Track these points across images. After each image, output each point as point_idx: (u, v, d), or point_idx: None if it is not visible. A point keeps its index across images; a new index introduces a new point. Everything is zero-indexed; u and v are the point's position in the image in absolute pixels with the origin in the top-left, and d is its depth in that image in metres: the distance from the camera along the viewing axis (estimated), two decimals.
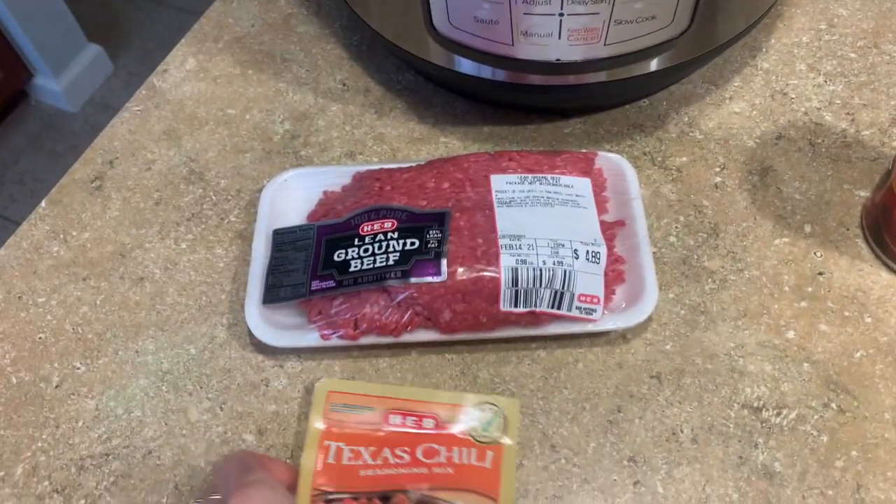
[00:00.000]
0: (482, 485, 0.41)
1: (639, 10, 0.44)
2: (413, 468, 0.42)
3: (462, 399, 0.44)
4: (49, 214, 0.56)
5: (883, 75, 0.58)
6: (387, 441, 0.43)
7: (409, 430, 0.43)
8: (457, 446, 0.43)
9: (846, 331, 0.47)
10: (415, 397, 0.44)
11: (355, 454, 0.42)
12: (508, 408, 0.43)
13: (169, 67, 0.64)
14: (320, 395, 0.44)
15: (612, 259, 0.48)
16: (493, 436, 0.43)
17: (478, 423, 0.43)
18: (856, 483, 0.43)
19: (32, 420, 0.48)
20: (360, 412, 0.43)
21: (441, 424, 0.43)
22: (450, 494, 0.41)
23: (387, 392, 0.44)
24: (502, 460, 0.42)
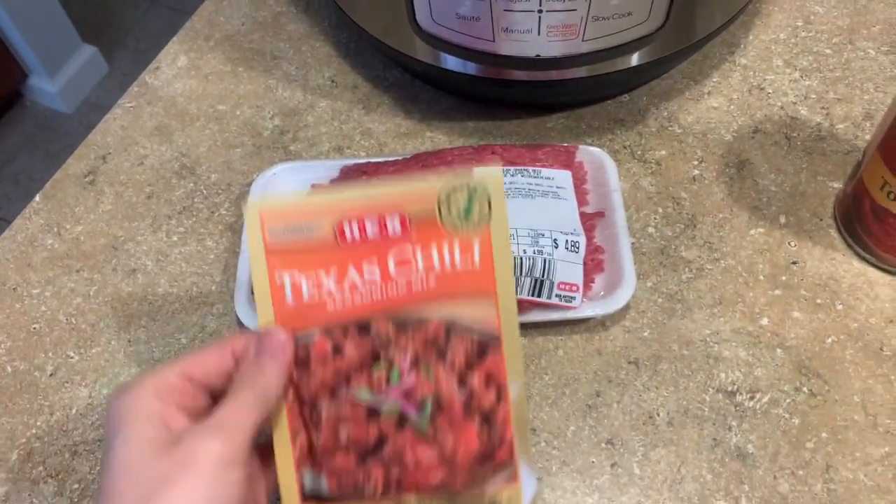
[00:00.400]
0: (473, 286, 0.35)
1: (615, 6, 0.46)
2: (388, 286, 0.35)
3: (428, 185, 0.35)
4: (43, 208, 0.57)
5: (857, 71, 0.59)
6: (348, 260, 0.35)
7: (371, 239, 0.36)
8: (434, 243, 0.35)
9: (818, 317, 0.49)
10: (368, 196, 0.35)
11: (316, 286, 0.35)
12: (489, 182, 0.35)
13: (161, 65, 0.65)
14: (253, 220, 0.35)
15: (592, 249, 0.49)
16: (477, 222, 0.35)
17: (455, 212, 0.35)
18: (825, 463, 0.44)
19: (27, 408, 0.49)
20: (307, 232, 0.35)
21: (409, 223, 0.35)
22: (439, 307, 0.35)
23: (334, 199, 0.35)
24: (493, 249, 0.35)
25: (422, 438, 0.35)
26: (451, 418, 0.35)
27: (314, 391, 0.35)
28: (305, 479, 0.36)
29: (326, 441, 0.35)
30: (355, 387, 0.35)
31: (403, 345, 0.35)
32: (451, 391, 0.35)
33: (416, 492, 0.36)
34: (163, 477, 0.30)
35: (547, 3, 0.45)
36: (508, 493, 0.37)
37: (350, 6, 0.56)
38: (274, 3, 0.68)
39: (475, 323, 0.36)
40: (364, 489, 0.36)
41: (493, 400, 0.36)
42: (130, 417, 0.32)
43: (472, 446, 0.35)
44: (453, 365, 0.36)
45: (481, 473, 0.36)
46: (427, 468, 0.35)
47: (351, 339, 0.36)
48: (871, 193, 0.47)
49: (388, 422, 0.35)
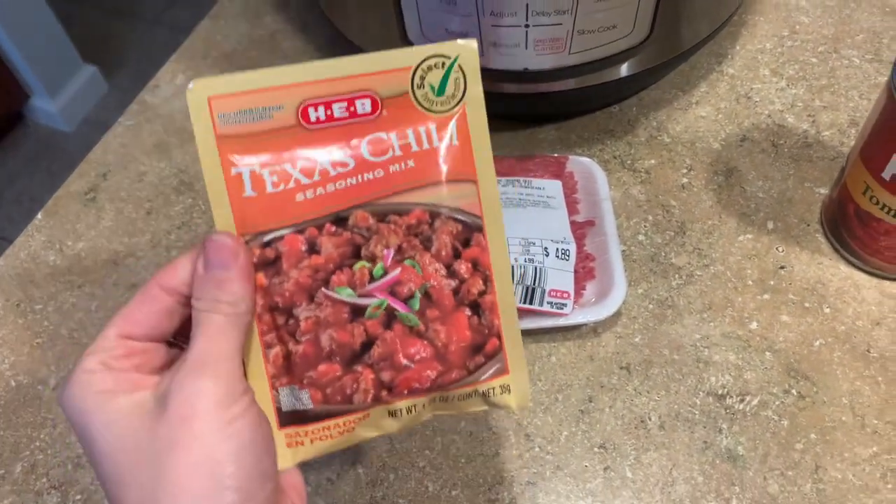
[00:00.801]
0: (454, 167, 0.33)
1: (600, 19, 0.47)
2: (363, 173, 0.32)
3: (398, 59, 0.32)
4: (45, 226, 0.59)
5: (842, 78, 0.60)
6: (316, 147, 0.32)
7: (340, 123, 0.32)
8: (409, 126, 0.33)
9: (806, 321, 0.50)
10: (334, 74, 0.31)
11: (280, 175, 0.31)
12: (463, 53, 0.33)
13: (159, 83, 0.66)
14: (199, 105, 0.30)
15: (583, 256, 0.50)
16: (453, 97, 0.33)
17: (428, 87, 0.33)
18: (814, 464, 0.45)
19: (31, 421, 0.50)
20: (265, 116, 0.31)
21: (381, 103, 0.32)
22: (419, 194, 0.33)
23: (293, 77, 0.31)
24: (469, 126, 0.33)
25: (412, 334, 0.33)
26: (442, 309, 0.33)
27: (288, 296, 0.32)
28: (282, 398, 0.33)
29: (307, 350, 0.32)
30: (335, 286, 0.32)
31: (385, 236, 0.33)
32: (440, 281, 0.33)
33: (408, 395, 0.33)
34: (166, 442, 0.27)
35: (533, 17, 0.46)
36: (501, 384, 0.35)
37: (343, 23, 0.57)
38: (270, 22, 0.70)
39: (458, 207, 0.33)
40: (353, 398, 0.33)
41: (481, 286, 0.34)
42: (92, 403, 0.29)
43: (465, 336, 0.34)
44: (440, 254, 0.33)
45: (473, 366, 0.34)
46: (420, 365, 0.33)
47: (326, 234, 0.32)
48: (855, 198, 0.48)
49: (375, 321, 0.33)
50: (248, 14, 0.70)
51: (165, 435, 0.27)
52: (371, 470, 0.46)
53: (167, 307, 0.31)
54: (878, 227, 0.47)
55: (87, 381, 0.29)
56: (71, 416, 0.29)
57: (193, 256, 0.31)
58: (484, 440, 0.47)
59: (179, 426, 0.27)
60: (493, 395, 0.35)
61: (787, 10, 0.65)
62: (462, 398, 0.34)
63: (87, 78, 1.85)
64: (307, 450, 0.34)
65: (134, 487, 0.27)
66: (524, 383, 0.35)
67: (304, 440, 0.33)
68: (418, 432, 0.47)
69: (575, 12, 0.46)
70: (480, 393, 0.34)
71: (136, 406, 0.28)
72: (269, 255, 0.32)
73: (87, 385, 0.29)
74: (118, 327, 0.31)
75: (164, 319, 0.31)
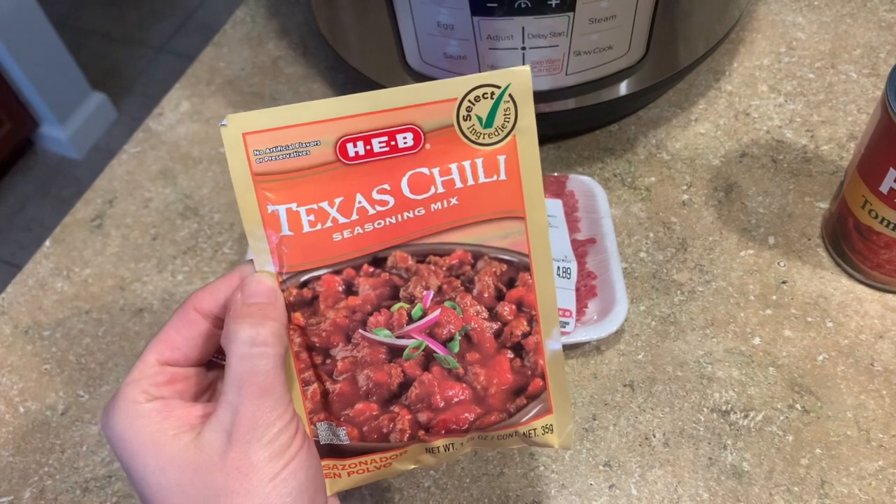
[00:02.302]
0: (500, 204, 0.31)
1: (596, 40, 0.48)
2: (403, 212, 0.31)
3: (443, 90, 0.30)
4: (53, 253, 0.59)
5: (840, 93, 0.61)
6: (354, 182, 0.30)
7: (380, 158, 0.30)
8: (454, 162, 0.31)
9: (809, 335, 0.50)
10: (374, 107, 0.30)
11: (318, 214, 0.30)
12: (515, 82, 0.30)
13: (164, 111, 0.67)
14: (233, 141, 0.30)
15: (584, 274, 0.51)
16: (502, 128, 0.31)
17: (475, 119, 0.31)
18: (820, 479, 0.45)
19: (39, 446, 0.50)
20: (301, 153, 0.30)
21: (423, 137, 0.30)
22: (462, 234, 0.31)
23: (331, 111, 0.30)
24: (519, 159, 0.31)
25: (451, 376, 0.32)
26: (483, 352, 0.32)
27: (325, 336, 0.32)
28: (320, 432, 0.33)
29: (343, 389, 0.32)
30: (372, 328, 0.32)
31: (425, 278, 0.32)
32: (482, 324, 0.32)
33: (445, 434, 0.33)
34: (223, 491, 0.28)
35: (529, 40, 0.47)
36: (543, 424, 0.34)
37: (345, 49, 0.58)
38: (273, 48, 0.71)
39: (503, 247, 0.32)
40: (389, 437, 0.32)
41: (525, 328, 0.33)
42: (142, 445, 0.29)
43: (506, 380, 0.33)
44: (482, 296, 0.32)
45: (514, 408, 0.33)
46: (458, 408, 0.32)
47: (364, 275, 0.31)
48: (854, 212, 0.48)
49: (413, 361, 0.32)
50: (250, 41, 0.71)
51: (223, 484, 0.28)
52: (377, 491, 0.47)
53: (205, 331, 0.31)
54: (878, 241, 0.47)
55: (133, 413, 0.29)
56: (116, 449, 0.30)
57: (231, 282, 0.31)
58: (489, 460, 0.47)
59: (237, 479, 0.28)
60: (535, 435, 0.34)
61: (783, 27, 0.65)
62: (501, 437, 0.34)
63: (96, 105, 1.87)
64: (344, 482, 0.34)
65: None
66: (567, 422, 0.34)
67: (340, 473, 0.34)
68: None
69: (570, 34, 0.47)
70: (521, 434, 0.34)
71: (190, 452, 0.29)
72: (305, 294, 0.31)
73: (134, 418, 0.29)
74: (158, 353, 0.31)
75: (203, 343, 0.31)
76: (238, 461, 0.28)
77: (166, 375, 0.31)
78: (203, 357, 0.32)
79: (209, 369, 0.33)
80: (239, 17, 0.73)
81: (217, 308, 0.31)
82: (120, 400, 0.30)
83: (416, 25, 0.48)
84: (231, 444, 0.28)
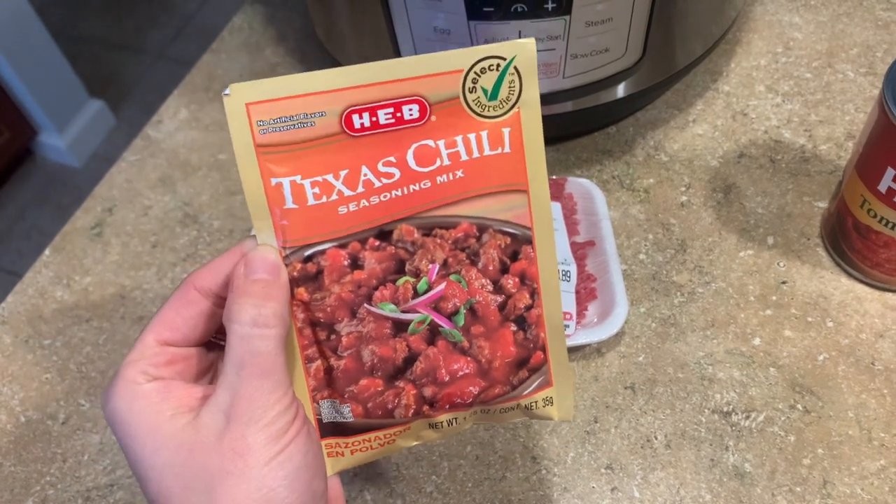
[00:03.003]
0: (504, 177, 0.31)
1: (592, 43, 0.48)
2: (409, 185, 0.31)
3: (449, 62, 0.30)
4: (53, 261, 0.59)
5: (837, 93, 0.61)
6: (359, 154, 0.30)
7: (385, 129, 0.30)
8: (459, 134, 0.31)
9: (809, 335, 0.50)
10: (380, 78, 0.29)
11: (322, 187, 0.30)
12: (521, 54, 0.30)
13: (162, 118, 0.67)
14: (236, 111, 0.29)
15: (584, 277, 0.51)
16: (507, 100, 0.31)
17: (481, 91, 0.30)
18: (822, 479, 0.45)
19: (41, 456, 0.50)
20: (306, 124, 0.29)
21: (429, 109, 0.30)
22: (467, 206, 0.31)
23: (336, 81, 0.29)
24: (523, 132, 0.31)
25: (456, 350, 0.32)
26: (487, 326, 0.32)
27: (330, 311, 0.31)
28: (323, 410, 0.33)
29: (348, 365, 0.32)
30: (377, 302, 0.32)
31: (431, 251, 0.32)
32: (486, 297, 0.32)
33: (449, 409, 0.33)
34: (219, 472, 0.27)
35: None
36: (543, 396, 0.34)
37: (342, 55, 0.58)
38: (270, 54, 0.71)
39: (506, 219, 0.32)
40: (394, 412, 0.32)
41: (528, 300, 0.33)
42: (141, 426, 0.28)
43: (510, 353, 0.33)
44: (487, 269, 0.32)
45: (517, 381, 0.33)
46: (463, 382, 0.32)
47: (370, 248, 0.31)
48: (853, 211, 0.48)
49: (418, 336, 0.32)
50: (248, 47, 0.71)
51: (218, 465, 0.28)
52: (379, 496, 0.47)
53: (205, 310, 0.31)
54: (876, 240, 0.47)
55: (132, 393, 0.29)
56: (115, 430, 0.29)
57: (232, 258, 0.31)
58: (491, 464, 0.47)
59: (232, 459, 0.28)
60: (536, 407, 0.34)
61: (780, 27, 0.65)
62: (504, 411, 0.34)
63: (94, 113, 1.87)
64: (347, 460, 0.34)
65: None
66: (568, 394, 0.35)
67: (343, 451, 0.33)
68: (425, 458, 0.48)
69: (567, 37, 0.47)
70: (523, 406, 0.34)
71: (187, 433, 0.28)
72: (310, 269, 0.31)
73: (133, 399, 0.29)
74: (157, 333, 0.30)
75: (203, 323, 0.31)
76: (234, 442, 0.28)
77: (166, 356, 0.30)
78: (203, 337, 0.31)
79: (210, 350, 0.33)
80: (236, 23, 0.73)
81: (217, 286, 0.31)
82: (119, 380, 0.29)
83: (413, 30, 0.49)
84: (229, 426, 0.28)
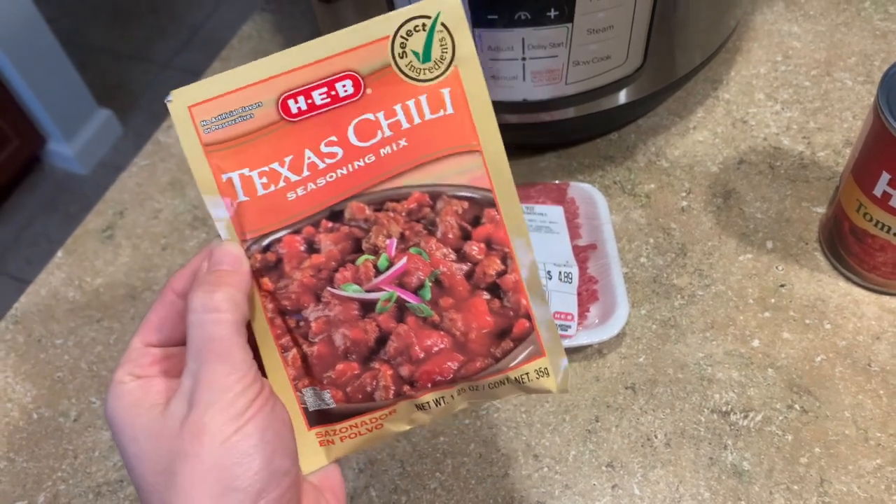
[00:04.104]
0: (452, 139, 0.31)
1: (594, 51, 0.49)
2: (354, 161, 0.31)
3: (373, 30, 0.30)
4: (65, 263, 0.60)
5: (835, 100, 0.62)
6: (301, 139, 0.30)
7: (323, 110, 0.30)
8: (397, 103, 0.30)
9: (807, 337, 0.51)
10: (308, 59, 0.30)
11: (269, 175, 0.30)
12: (445, 9, 0.30)
13: (173, 124, 0.68)
14: (181, 116, 0.30)
15: (586, 279, 0.52)
16: (441, 60, 0.30)
17: (412, 55, 0.30)
18: (819, 477, 0.45)
19: (53, 452, 0.51)
20: (246, 117, 0.30)
21: (363, 82, 0.30)
22: (416, 175, 0.31)
23: (267, 69, 0.30)
24: (465, 90, 0.31)
25: (427, 325, 0.32)
26: (456, 296, 0.32)
27: (295, 298, 0.32)
28: (307, 399, 0.33)
29: (321, 350, 0.32)
30: (340, 284, 0.31)
31: (385, 226, 0.31)
32: (451, 266, 0.32)
33: (432, 388, 0.32)
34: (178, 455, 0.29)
35: (530, 50, 0.48)
36: (536, 367, 0.32)
37: None
38: None
39: (462, 183, 0.31)
40: (374, 395, 0.32)
41: (499, 266, 0.32)
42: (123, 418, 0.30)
43: (485, 322, 0.32)
44: (446, 237, 0.32)
45: (500, 352, 0.32)
46: (439, 357, 0.32)
47: (324, 230, 0.31)
48: (850, 216, 0.49)
49: (386, 314, 0.31)
50: (257, 56, 0.72)
51: (179, 448, 0.29)
52: (383, 493, 0.47)
53: (181, 310, 0.32)
54: (873, 244, 0.48)
55: (118, 392, 0.31)
56: (110, 428, 0.31)
57: (202, 257, 0.32)
58: (493, 461, 0.48)
59: (190, 442, 0.29)
60: (528, 380, 0.33)
61: (779, 36, 0.67)
62: (493, 386, 0.33)
63: (102, 121, 1.89)
64: (339, 448, 0.34)
65: (153, 495, 0.29)
66: (562, 364, 0.33)
67: (333, 439, 0.33)
68: (429, 455, 0.48)
69: (569, 44, 0.48)
70: (513, 379, 0.32)
71: (157, 422, 0.30)
72: (270, 258, 0.31)
73: (119, 397, 0.31)
74: (142, 336, 0.32)
75: (180, 323, 0.32)
76: (192, 425, 0.29)
77: (149, 357, 0.32)
78: (182, 336, 0.32)
79: None
80: (245, 32, 0.75)
81: (189, 286, 0.32)
82: (111, 383, 0.32)
83: None
84: (190, 411, 0.29)
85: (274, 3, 0.76)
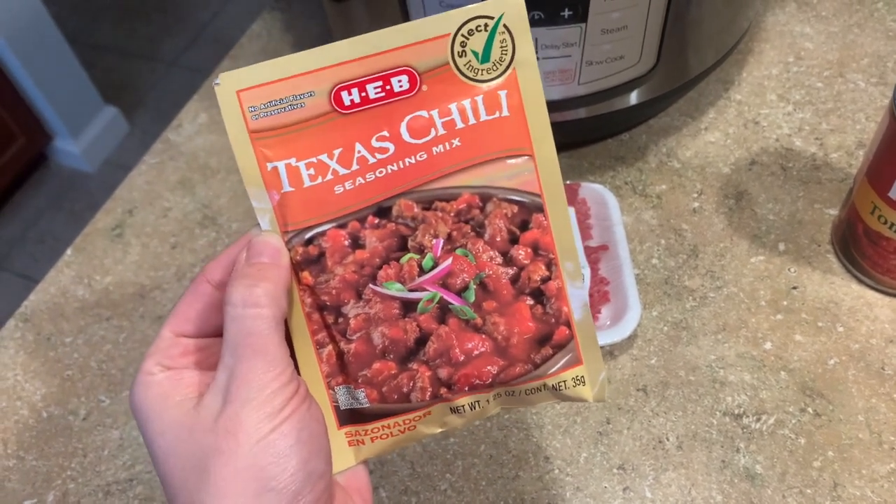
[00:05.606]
0: (505, 142, 0.30)
1: (607, 51, 0.49)
2: (405, 158, 0.30)
3: (434, 27, 0.29)
4: (74, 261, 0.60)
5: (848, 102, 0.62)
6: (352, 132, 0.30)
7: (376, 104, 0.30)
8: (453, 102, 0.30)
9: (820, 340, 0.50)
10: (365, 51, 0.29)
11: (317, 167, 0.30)
12: (509, 11, 0.29)
13: (182, 122, 0.68)
14: (228, 100, 0.29)
15: (597, 280, 0.51)
16: (500, 62, 0.30)
17: (471, 55, 0.30)
18: (833, 481, 0.45)
19: (62, 450, 0.51)
20: (296, 105, 0.29)
21: (419, 78, 0.30)
22: (467, 176, 0.30)
23: (322, 59, 0.29)
24: (521, 93, 0.30)
25: (469, 328, 0.31)
26: (500, 300, 0.31)
27: (335, 294, 0.31)
28: (339, 397, 0.32)
29: (359, 348, 0.31)
30: (382, 282, 0.31)
31: (433, 225, 0.31)
32: (497, 270, 0.31)
33: (469, 391, 0.32)
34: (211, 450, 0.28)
35: (543, 50, 0.48)
36: (573, 375, 0.32)
37: None
38: None
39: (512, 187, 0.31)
40: (410, 396, 0.31)
41: (544, 272, 0.31)
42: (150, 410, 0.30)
43: (527, 328, 0.31)
44: (494, 240, 0.31)
45: (539, 358, 0.32)
46: (479, 361, 0.31)
47: (370, 226, 0.31)
48: (864, 218, 0.49)
49: (428, 315, 0.31)
50: (266, 54, 0.72)
51: (212, 444, 0.28)
52: (394, 493, 0.47)
53: (216, 301, 0.31)
54: (887, 246, 0.48)
55: (146, 383, 0.30)
56: (136, 419, 0.30)
57: (239, 247, 0.31)
58: (504, 463, 0.48)
59: (224, 438, 0.28)
60: (565, 388, 0.32)
61: (791, 37, 0.66)
62: (529, 392, 0.32)
63: (108, 119, 1.89)
64: (368, 449, 0.33)
65: (182, 491, 0.28)
66: (598, 372, 0.33)
67: (363, 439, 0.33)
68: (439, 456, 0.48)
69: (583, 44, 0.48)
70: (550, 386, 0.32)
71: (189, 416, 0.29)
72: (312, 252, 0.31)
73: (147, 388, 0.30)
74: (172, 326, 0.31)
75: (215, 314, 0.31)
76: (228, 421, 0.28)
77: (180, 347, 0.31)
78: (216, 328, 0.31)
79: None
80: (255, 30, 0.75)
81: (226, 276, 0.31)
82: (139, 373, 0.31)
83: None
84: (225, 406, 0.28)
85: (283, 1, 0.76)
